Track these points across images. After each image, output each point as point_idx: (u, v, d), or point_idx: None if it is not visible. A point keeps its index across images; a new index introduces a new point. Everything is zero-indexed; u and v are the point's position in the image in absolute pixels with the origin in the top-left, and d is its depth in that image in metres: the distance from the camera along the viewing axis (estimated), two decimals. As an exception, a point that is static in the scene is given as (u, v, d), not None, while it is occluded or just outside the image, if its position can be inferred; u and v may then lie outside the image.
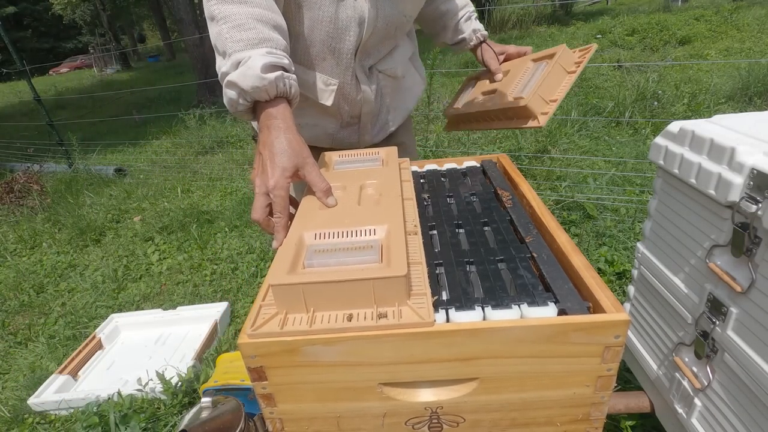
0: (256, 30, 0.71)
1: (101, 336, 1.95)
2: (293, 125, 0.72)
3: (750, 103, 3.63)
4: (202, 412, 1.07)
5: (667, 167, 0.88)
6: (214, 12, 0.74)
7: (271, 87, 0.69)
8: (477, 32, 1.15)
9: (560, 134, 3.31)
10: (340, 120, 1.03)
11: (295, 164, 0.69)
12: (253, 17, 0.72)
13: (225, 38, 0.72)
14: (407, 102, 1.14)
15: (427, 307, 0.52)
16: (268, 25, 0.73)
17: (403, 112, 1.14)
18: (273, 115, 0.71)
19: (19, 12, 23.21)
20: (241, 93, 0.70)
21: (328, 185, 0.71)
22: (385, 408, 0.57)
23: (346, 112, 1.01)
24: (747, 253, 0.71)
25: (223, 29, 0.72)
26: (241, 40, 0.71)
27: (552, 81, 0.97)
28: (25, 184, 3.82)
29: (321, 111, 1.00)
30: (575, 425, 0.58)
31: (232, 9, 0.72)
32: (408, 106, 1.15)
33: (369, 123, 1.06)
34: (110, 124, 7.06)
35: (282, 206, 0.68)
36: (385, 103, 1.07)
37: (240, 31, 0.71)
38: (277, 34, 0.74)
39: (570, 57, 1.00)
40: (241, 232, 2.78)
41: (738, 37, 5.97)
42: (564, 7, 10.64)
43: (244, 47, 0.70)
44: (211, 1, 0.74)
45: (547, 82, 0.96)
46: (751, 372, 0.73)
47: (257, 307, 0.55)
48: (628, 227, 2.13)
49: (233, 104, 0.73)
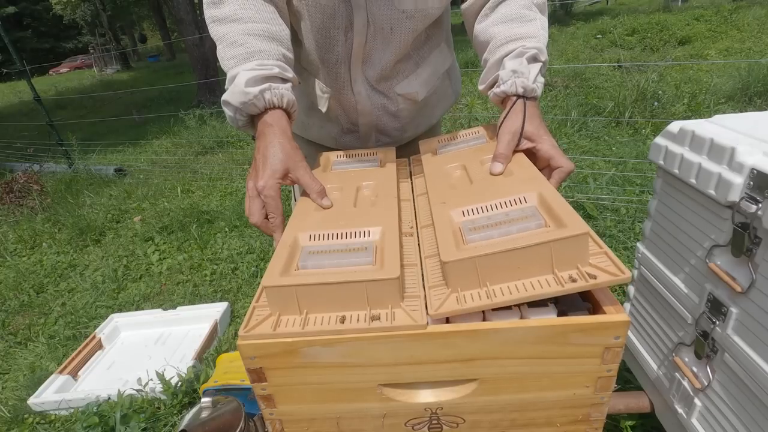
0: (247, 45, 0.73)
1: (101, 336, 1.95)
2: (288, 131, 0.73)
3: (750, 103, 3.63)
4: (202, 412, 1.07)
5: (667, 167, 0.88)
6: (213, 34, 0.77)
7: (258, 100, 0.71)
8: (518, 76, 0.74)
9: (560, 134, 3.31)
10: (340, 126, 1.00)
11: (286, 167, 0.70)
12: (245, 32, 0.74)
13: (222, 57, 0.75)
14: (431, 118, 1.06)
15: (421, 310, 0.52)
16: (261, 36, 0.74)
17: (424, 127, 1.06)
18: (268, 122, 0.73)
19: (19, 12, 23.21)
20: (235, 110, 0.72)
21: (321, 187, 0.71)
22: (385, 409, 0.57)
23: (344, 119, 0.98)
24: (747, 253, 0.70)
25: (220, 49, 0.75)
26: (233, 57, 0.73)
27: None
28: (25, 184, 3.81)
29: (324, 115, 0.99)
30: (575, 426, 0.58)
31: (226, 29, 0.75)
32: (431, 121, 1.07)
33: (371, 133, 1.00)
34: (110, 124, 7.06)
35: (273, 206, 0.68)
36: (400, 121, 0.99)
37: (232, 48, 0.73)
38: (270, 44, 0.74)
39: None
40: (241, 232, 2.78)
41: (738, 37, 5.97)
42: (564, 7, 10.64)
43: (235, 63, 0.73)
44: (209, 25, 0.77)
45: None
46: (751, 372, 0.73)
47: (251, 309, 0.55)
48: (628, 227, 2.13)
49: (233, 121, 0.75)
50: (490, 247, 0.51)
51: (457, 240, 0.55)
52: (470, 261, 0.50)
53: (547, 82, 4.82)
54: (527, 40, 0.76)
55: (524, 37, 0.77)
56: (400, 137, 1.03)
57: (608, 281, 0.48)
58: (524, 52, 0.75)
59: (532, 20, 0.79)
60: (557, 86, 4.71)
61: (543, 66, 0.77)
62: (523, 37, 0.77)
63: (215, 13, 0.77)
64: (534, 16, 0.79)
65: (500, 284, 0.51)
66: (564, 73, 5.05)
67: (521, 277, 0.51)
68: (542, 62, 0.77)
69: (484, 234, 0.54)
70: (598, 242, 0.54)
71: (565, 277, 0.49)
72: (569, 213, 0.53)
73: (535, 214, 0.55)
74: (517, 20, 0.78)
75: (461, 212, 0.60)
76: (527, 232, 0.53)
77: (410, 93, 0.94)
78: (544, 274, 0.51)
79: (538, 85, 0.75)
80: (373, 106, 0.94)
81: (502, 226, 0.54)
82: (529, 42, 0.76)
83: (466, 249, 0.52)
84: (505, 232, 0.53)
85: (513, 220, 0.55)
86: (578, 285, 0.48)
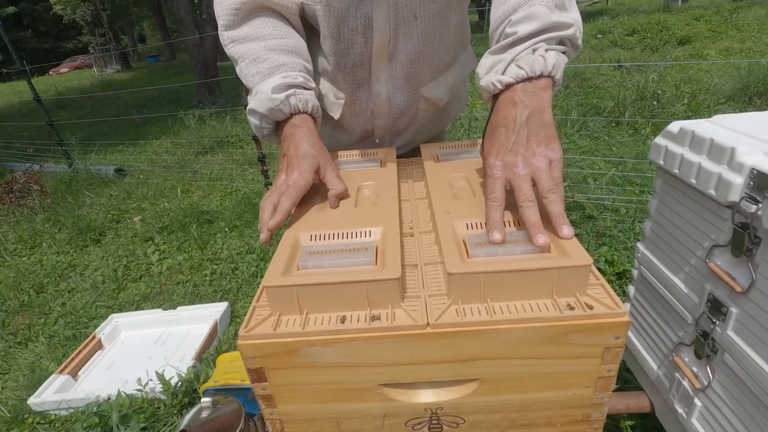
0: (270, 60, 0.75)
1: (101, 336, 1.95)
2: (316, 132, 0.75)
3: (750, 103, 3.63)
4: (202, 412, 1.07)
5: (667, 167, 0.88)
6: (232, 54, 0.79)
7: (284, 105, 0.72)
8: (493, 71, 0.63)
9: (560, 134, 3.31)
10: (351, 133, 0.97)
11: (318, 162, 0.70)
12: (266, 49, 0.76)
13: (245, 74, 0.77)
14: (446, 121, 1.06)
15: (421, 310, 0.52)
16: (282, 51, 0.77)
17: (435, 132, 1.06)
18: (295, 124, 0.74)
19: (19, 12, 23.21)
20: (262, 117, 0.74)
21: (344, 189, 0.71)
22: (385, 409, 0.57)
23: (357, 126, 0.95)
24: (747, 253, 0.70)
25: (242, 67, 0.77)
26: (258, 72, 0.75)
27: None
28: (25, 184, 3.81)
29: (334, 123, 0.96)
30: (575, 426, 0.58)
31: (247, 47, 0.77)
32: (445, 124, 1.07)
33: (386, 137, 0.97)
34: (110, 124, 7.06)
35: (294, 197, 0.66)
36: (416, 124, 0.97)
37: (256, 65, 0.76)
38: (292, 57, 0.77)
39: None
40: (241, 232, 2.78)
41: (738, 37, 5.97)
42: (564, 7, 10.62)
43: (261, 79, 0.75)
44: (227, 45, 0.79)
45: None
46: (751, 372, 0.73)
47: (251, 309, 0.55)
48: (628, 227, 2.13)
49: (258, 130, 0.76)
50: (496, 264, 0.52)
51: (461, 252, 0.55)
52: (475, 276, 0.51)
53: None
54: (514, 13, 0.62)
55: (511, 10, 0.62)
56: (414, 139, 1.01)
57: (604, 314, 0.49)
58: (506, 35, 0.63)
59: None
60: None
61: (530, 35, 0.60)
62: (509, 11, 0.63)
63: (233, 35, 0.78)
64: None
65: (500, 302, 0.52)
66: (564, 73, 5.05)
67: (520, 297, 0.52)
68: (522, 38, 0.61)
69: (489, 250, 0.55)
70: (596, 275, 0.54)
71: (563, 304, 0.50)
72: (573, 242, 0.54)
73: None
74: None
75: (465, 224, 0.61)
76: (531, 255, 0.54)
77: (436, 98, 0.92)
78: (542, 298, 0.52)
79: (513, 70, 0.60)
80: (392, 108, 0.91)
81: (507, 245, 0.55)
82: (518, 13, 0.62)
83: (470, 263, 0.53)
84: (509, 251, 0.54)
85: (517, 242, 0.55)
86: (575, 314, 0.49)
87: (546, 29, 0.61)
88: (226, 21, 0.78)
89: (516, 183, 0.56)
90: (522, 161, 0.56)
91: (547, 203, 0.54)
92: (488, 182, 0.58)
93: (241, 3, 0.76)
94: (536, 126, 0.57)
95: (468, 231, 0.60)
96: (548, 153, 0.56)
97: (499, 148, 0.58)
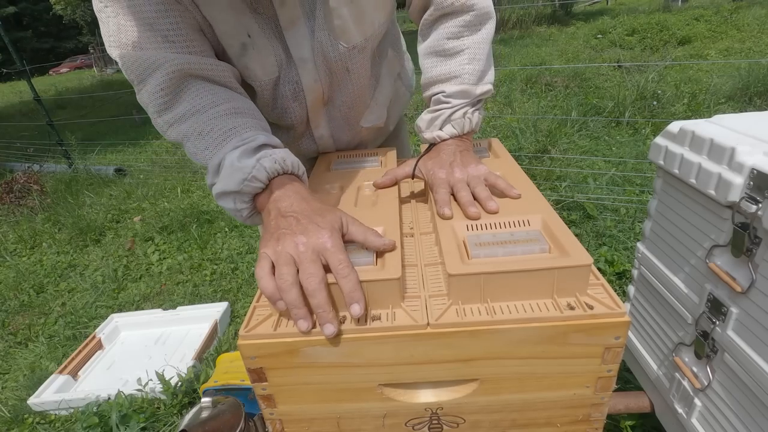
0: (217, 128, 0.65)
1: (101, 336, 1.95)
2: (307, 189, 0.65)
3: (750, 103, 3.63)
4: (202, 412, 1.07)
5: (667, 167, 0.88)
6: (174, 138, 0.69)
7: (258, 171, 0.60)
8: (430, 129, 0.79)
9: (560, 134, 3.31)
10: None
11: (340, 220, 0.57)
12: (210, 118, 0.66)
13: (194, 153, 0.67)
14: (390, 124, 1.03)
15: (421, 310, 0.52)
16: (228, 115, 0.66)
17: (384, 136, 1.06)
18: (281, 183, 0.62)
19: (19, 12, 23.22)
20: (235, 196, 0.62)
21: (378, 235, 0.58)
22: (385, 409, 0.57)
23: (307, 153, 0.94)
24: (747, 253, 0.71)
25: (189, 146, 0.67)
26: (207, 147, 0.65)
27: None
28: (25, 184, 3.81)
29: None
30: (575, 426, 0.58)
31: (188, 124, 0.66)
32: (390, 127, 1.04)
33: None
34: (110, 124, 7.05)
35: (353, 281, 0.51)
36: (366, 142, 0.99)
37: (203, 138, 0.65)
38: (241, 118, 0.67)
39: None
40: (241, 232, 2.78)
41: (738, 37, 5.97)
42: (564, 7, 10.64)
43: (214, 150, 0.64)
44: (166, 132, 0.69)
45: None
46: (751, 372, 0.73)
47: (251, 309, 0.55)
48: (628, 227, 2.13)
49: (235, 213, 0.65)
50: (496, 265, 0.52)
51: (461, 253, 0.55)
52: (476, 277, 0.51)
53: (547, 82, 4.82)
54: (446, 84, 0.77)
55: (443, 80, 0.78)
56: (361, 141, 1.01)
57: (604, 314, 0.49)
58: (441, 102, 0.78)
59: (458, 53, 0.76)
60: (557, 86, 4.71)
61: (460, 105, 0.76)
62: (442, 80, 0.78)
63: (168, 118, 0.67)
64: (460, 46, 0.76)
65: (501, 302, 0.52)
66: (564, 73, 5.06)
67: (521, 297, 0.52)
68: (455, 106, 0.76)
69: (490, 251, 0.55)
70: (596, 274, 0.54)
71: (563, 304, 0.50)
72: (573, 242, 0.54)
73: (540, 238, 0.56)
74: (441, 55, 0.78)
75: (465, 226, 0.61)
76: (531, 255, 0.54)
77: (376, 124, 0.93)
78: (543, 298, 0.52)
79: (449, 129, 0.77)
80: (337, 143, 0.93)
81: (507, 245, 0.55)
82: (450, 86, 0.77)
83: (471, 264, 0.53)
84: (509, 251, 0.54)
85: (518, 242, 0.56)
86: (575, 314, 0.49)
87: (473, 102, 0.78)
88: (156, 107, 0.67)
89: (456, 186, 0.69)
90: (459, 172, 0.71)
91: (479, 191, 0.67)
92: (435, 184, 0.70)
93: (166, 80, 0.64)
94: (465, 156, 0.74)
95: (468, 232, 0.60)
96: (477, 167, 0.71)
97: (441, 164, 0.73)
